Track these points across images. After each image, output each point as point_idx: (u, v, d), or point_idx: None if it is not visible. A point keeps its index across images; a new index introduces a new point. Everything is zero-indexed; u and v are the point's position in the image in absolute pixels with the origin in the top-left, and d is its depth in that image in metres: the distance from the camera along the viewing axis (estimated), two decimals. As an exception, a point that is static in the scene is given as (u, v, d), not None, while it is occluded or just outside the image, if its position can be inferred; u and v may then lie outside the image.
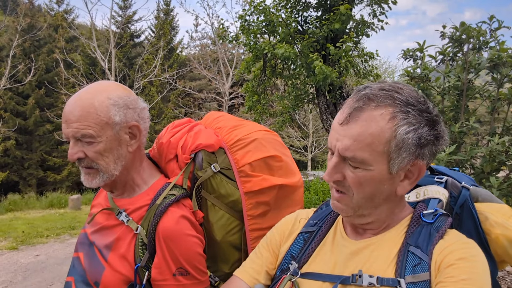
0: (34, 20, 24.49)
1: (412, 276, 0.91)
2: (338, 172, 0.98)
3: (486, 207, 1.14)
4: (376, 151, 0.92)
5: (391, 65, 27.25)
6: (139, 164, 1.34)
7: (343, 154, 0.95)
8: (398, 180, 0.98)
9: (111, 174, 1.25)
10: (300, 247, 1.14)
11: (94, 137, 1.18)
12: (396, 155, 0.93)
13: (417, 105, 0.94)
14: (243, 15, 7.46)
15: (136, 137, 1.27)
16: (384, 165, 0.94)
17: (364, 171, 0.94)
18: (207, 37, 25.33)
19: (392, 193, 0.99)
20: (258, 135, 1.47)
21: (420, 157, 0.95)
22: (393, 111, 0.92)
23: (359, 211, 1.01)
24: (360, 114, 0.94)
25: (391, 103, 0.93)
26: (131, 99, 1.25)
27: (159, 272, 1.20)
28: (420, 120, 0.93)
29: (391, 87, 0.96)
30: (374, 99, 0.94)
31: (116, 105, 1.21)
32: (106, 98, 1.20)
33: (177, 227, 1.22)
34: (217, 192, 1.37)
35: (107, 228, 1.30)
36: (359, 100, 0.95)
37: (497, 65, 3.04)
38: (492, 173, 2.99)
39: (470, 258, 0.90)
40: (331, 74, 6.08)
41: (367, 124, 0.92)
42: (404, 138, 0.92)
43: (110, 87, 1.24)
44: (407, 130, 0.92)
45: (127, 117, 1.23)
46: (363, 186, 0.96)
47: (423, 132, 0.93)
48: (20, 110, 24.30)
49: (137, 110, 1.26)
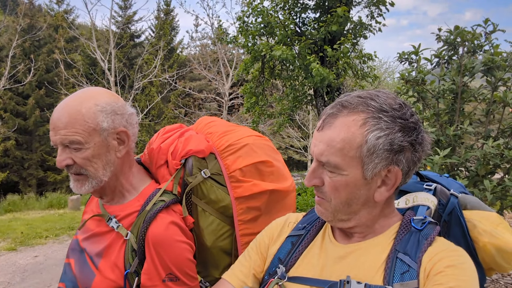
0: (34, 20, 24.52)
1: (400, 284, 0.91)
2: (316, 177, 1.01)
3: (475, 215, 1.14)
4: (348, 156, 0.95)
5: (392, 65, 27.19)
6: (128, 170, 1.34)
7: (319, 159, 0.99)
8: (375, 187, 0.99)
9: (100, 180, 1.25)
10: (288, 251, 1.14)
11: (82, 143, 1.19)
12: (368, 160, 0.94)
13: (391, 112, 0.95)
14: (241, 17, 7.47)
15: (125, 142, 1.27)
16: (358, 170, 0.96)
17: (339, 176, 0.97)
18: (207, 37, 25.36)
19: (370, 199, 1.00)
20: (249, 140, 1.47)
21: (394, 163, 0.96)
22: (365, 117, 0.95)
23: (338, 215, 1.02)
24: (333, 121, 0.97)
25: (364, 110, 0.95)
26: (119, 105, 1.26)
27: (148, 278, 1.20)
28: (391, 126, 0.94)
29: (368, 95, 0.98)
30: (347, 106, 0.97)
31: (104, 111, 1.21)
32: (94, 104, 1.20)
33: (166, 233, 1.22)
34: (208, 197, 1.37)
35: (98, 235, 1.30)
36: (334, 107, 0.99)
37: (491, 68, 3.05)
38: (486, 176, 3.00)
39: (459, 265, 0.90)
40: (329, 76, 6.09)
41: (339, 129, 0.95)
42: (375, 143, 0.93)
43: (98, 94, 1.25)
44: (377, 136, 0.93)
45: (115, 123, 1.23)
46: (338, 191, 0.98)
47: (395, 138, 0.94)
48: (20, 110, 24.33)
49: (125, 116, 1.26)
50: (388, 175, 0.98)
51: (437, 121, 3.41)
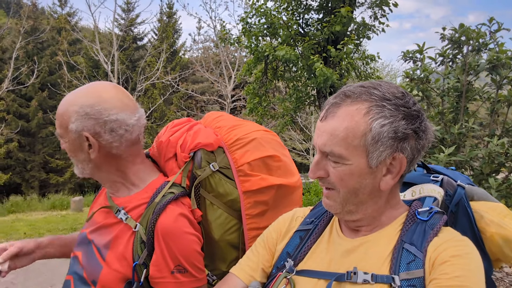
0: (37, 23, 24.65)
1: (406, 273, 0.92)
2: (321, 169, 1.01)
3: (482, 206, 1.14)
4: (352, 145, 0.94)
5: (394, 68, 27.19)
6: (131, 164, 1.34)
7: (322, 150, 0.98)
8: (380, 175, 0.99)
9: (81, 172, 1.32)
10: (296, 245, 1.14)
11: (61, 136, 1.28)
12: (373, 148, 0.94)
13: (394, 100, 0.95)
14: (244, 18, 7.49)
15: (92, 147, 1.25)
16: (363, 159, 0.95)
17: (344, 166, 0.97)
18: (210, 40, 25.41)
19: (376, 188, 1.00)
20: (257, 134, 1.48)
21: (399, 150, 0.96)
22: (368, 106, 0.95)
23: (346, 206, 1.02)
24: (336, 110, 0.97)
25: (367, 98, 0.96)
26: (96, 109, 1.23)
27: (157, 269, 1.21)
28: (395, 114, 0.94)
29: (370, 84, 0.99)
30: (350, 95, 0.97)
31: (77, 113, 1.23)
32: (74, 103, 1.24)
33: (175, 225, 1.23)
34: (216, 191, 1.38)
35: (105, 227, 1.31)
36: (336, 97, 0.99)
37: (496, 66, 3.05)
38: (491, 174, 2.99)
39: (465, 255, 0.90)
40: (332, 76, 6.10)
41: (342, 118, 0.95)
42: (380, 131, 0.93)
43: (85, 93, 1.26)
44: (382, 123, 0.93)
45: (84, 126, 1.23)
46: (344, 181, 0.98)
47: (399, 126, 0.94)
48: (23, 112, 24.42)
49: (100, 121, 1.23)
50: (393, 162, 0.98)
51: (441, 120, 3.41)
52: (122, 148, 1.28)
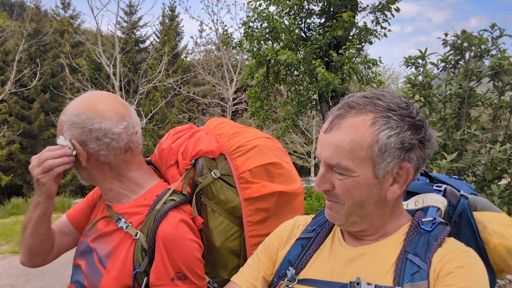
0: (40, 25, 24.73)
1: (410, 285, 0.91)
2: (326, 181, 1.00)
3: (485, 216, 1.13)
4: (359, 157, 0.94)
5: (395, 72, 27.21)
6: (127, 172, 1.34)
7: (328, 162, 0.97)
8: (387, 185, 0.98)
9: (81, 179, 1.36)
10: (298, 253, 1.13)
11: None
12: (380, 159, 0.94)
13: (399, 110, 0.95)
14: (247, 22, 7.51)
15: (81, 155, 1.27)
16: (369, 170, 0.95)
17: (350, 178, 0.96)
18: (212, 43, 25.46)
19: (382, 198, 0.99)
20: (259, 142, 1.48)
21: (406, 160, 0.96)
22: (374, 117, 0.94)
23: (350, 218, 1.01)
24: (341, 122, 0.96)
25: (372, 109, 0.95)
26: (81, 118, 1.25)
27: (157, 277, 1.20)
28: (401, 124, 0.94)
29: (373, 94, 0.98)
30: (355, 106, 0.96)
31: (66, 122, 1.27)
32: (65, 113, 1.29)
33: (177, 231, 1.23)
34: (217, 198, 1.37)
35: (106, 235, 1.31)
36: (341, 108, 0.98)
37: (498, 73, 3.05)
38: (493, 181, 2.98)
39: (469, 266, 0.90)
40: (334, 81, 6.10)
41: (348, 130, 0.94)
42: (386, 142, 0.93)
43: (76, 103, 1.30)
44: (388, 135, 0.93)
45: (72, 134, 1.27)
46: (350, 193, 0.97)
47: (406, 136, 0.94)
48: (25, 114, 24.46)
49: (86, 130, 1.25)
50: (400, 172, 0.97)
51: (443, 126, 3.40)
52: (111, 156, 1.29)
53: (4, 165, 23.31)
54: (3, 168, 23.42)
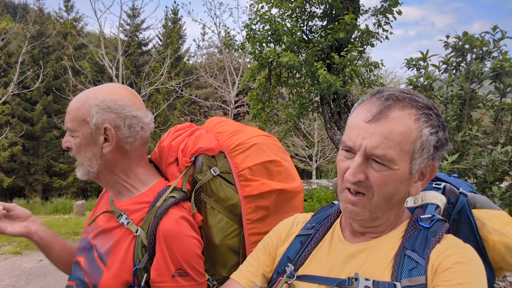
0: (44, 28, 24.85)
1: (408, 280, 0.91)
2: (361, 171, 0.95)
3: (484, 214, 1.14)
4: (404, 150, 0.94)
5: (397, 75, 27.17)
6: (135, 166, 1.35)
7: (371, 152, 0.94)
8: (413, 181, 0.99)
9: (87, 170, 1.31)
10: (297, 250, 1.14)
11: (73, 131, 1.29)
12: (419, 155, 0.95)
13: (434, 110, 0.98)
14: (249, 24, 7.53)
15: (109, 140, 1.28)
16: (407, 165, 0.95)
17: (390, 171, 0.94)
18: (214, 46, 25.56)
19: (405, 194, 1.01)
20: (258, 140, 1.48)
21: (436, 159, 0.99)
22: (417, 113, 0.95)
23: (375, 213, 0.99)
24: (389, 113, 0.94)
25: (414, 105, 0.96)
26: (119, 104, 1.28)
27: (158, 273, 1.21)
28: (438, 123, 0.97)
29: (409, 92, 1.00)
30: (401, 99, 0.96)
31: (98, 106, 1.26)
32: (93, 97, 1.28)
33: (177, 228, 1.23)
34: (217, 195, 1.38)
35: (107, 231, 1.31)
36: (388, 99, 0.96)
37: (499, 74, 3.05)
38: (494, 182, 2.98)
39: (467, 262, 0.90)
40: (336, 83, 6.11)
41: (397, 122, 0.94)
42: (428, 139, 0.95)
43: (105, 89, 1.31)
44: (430, 132, 0.95)
45: (105, 119, 1.26)
46: (386, 185, 0.95)
47: (441, 135, 0.97)
48: (28, 116, 24.55)
49: (121, 115, 1.28)
50: (425, 170, 0.99)
51: (445, 128, 3.39)
52: (135, 144, 1.32)
53: (6, 167, 23.38)
54: (5, 170, 23.48)
